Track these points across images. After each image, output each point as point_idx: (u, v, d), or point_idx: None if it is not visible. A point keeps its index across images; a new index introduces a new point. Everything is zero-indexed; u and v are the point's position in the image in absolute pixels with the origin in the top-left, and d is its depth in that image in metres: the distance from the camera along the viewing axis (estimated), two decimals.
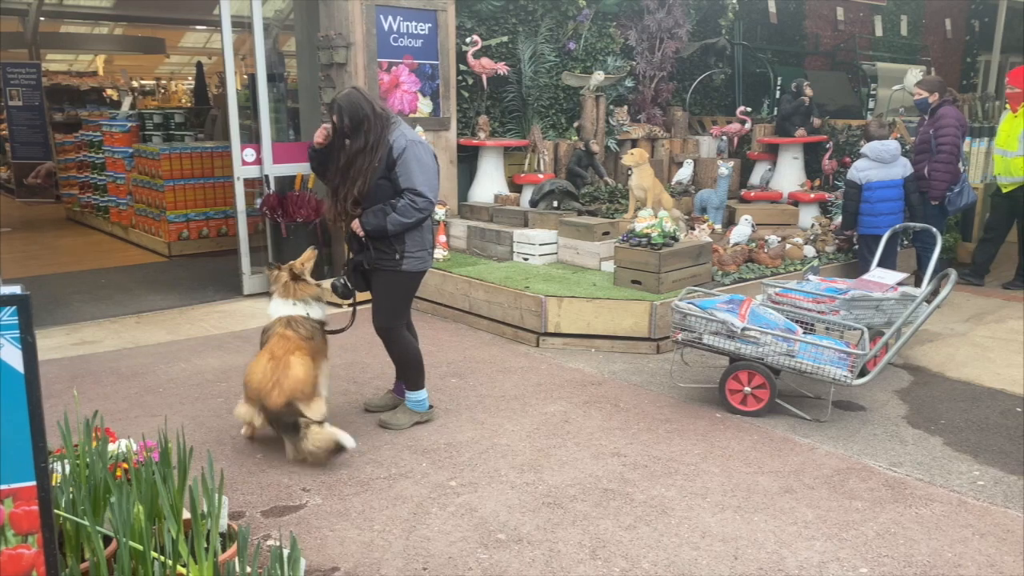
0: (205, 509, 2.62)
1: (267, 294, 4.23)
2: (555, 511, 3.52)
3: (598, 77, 8.25)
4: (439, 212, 7.25)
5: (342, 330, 4.38)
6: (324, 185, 4.35)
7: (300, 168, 7.51)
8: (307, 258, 4.33)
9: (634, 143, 8.64)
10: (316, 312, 4.20)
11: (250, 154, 7.18)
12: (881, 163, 6.47)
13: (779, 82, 9.93)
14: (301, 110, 8.36)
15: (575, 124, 8.53)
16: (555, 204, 7.44)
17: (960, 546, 3.28)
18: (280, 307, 4.14)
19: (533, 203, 7.54)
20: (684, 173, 8.63)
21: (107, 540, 2.52)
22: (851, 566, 3.12)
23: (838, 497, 3.68)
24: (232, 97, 7.08)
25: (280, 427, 3.87)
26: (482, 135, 7.81)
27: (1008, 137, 7.13)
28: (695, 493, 3.69)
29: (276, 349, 3.96)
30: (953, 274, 4.72)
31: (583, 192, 7.80)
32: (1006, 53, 12.68)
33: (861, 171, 6.55)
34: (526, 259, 6.97)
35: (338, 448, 3.78)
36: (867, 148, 6.61)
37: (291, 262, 4.29)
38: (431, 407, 4.54)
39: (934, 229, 5.60)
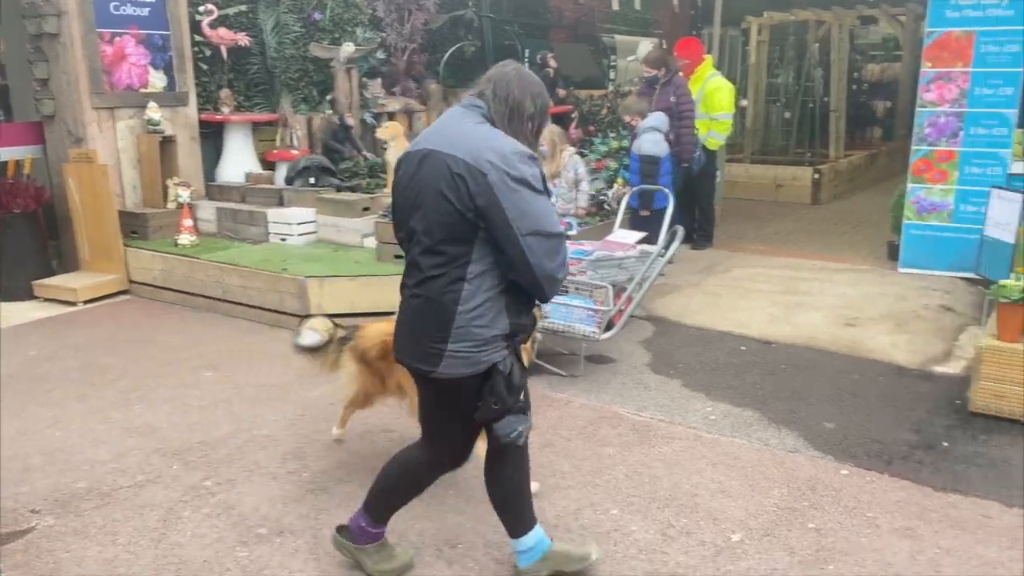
0: None
1: None
2: (320, 497, 3.43)
3: (348, 48, 8.03)
4: (183, 194, 6.76)
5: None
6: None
7: (13, 152, 6.66)
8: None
9: (391, 116, 8.56)
10: None
11: None
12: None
13: (527, 54, 10.25)
14: (11, 87, 7.39)
15: (328, 97, 8.28)
16: (312, 181, 7.20)
17: (696, 476, 3.61)
18: None
19: (288, 181, 7.24)
20: None
21: None
22: (603, 509, 3.34)
23: (592, 445, 3.91)
24: None
25: None
26: (226, 110, 7.36)
27: None
28: None
29: None
30: (680, 230, 5.17)
31: (342, 167, 7.60)
32: (725, 27, 13.96)
33: (661, 144, 6.56)
34: (284, 240, 6.69)
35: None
36: (656, 121, 6.63)
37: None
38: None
39: (667, 190, 6.07)
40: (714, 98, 7.53)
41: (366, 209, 6.71)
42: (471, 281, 2.45)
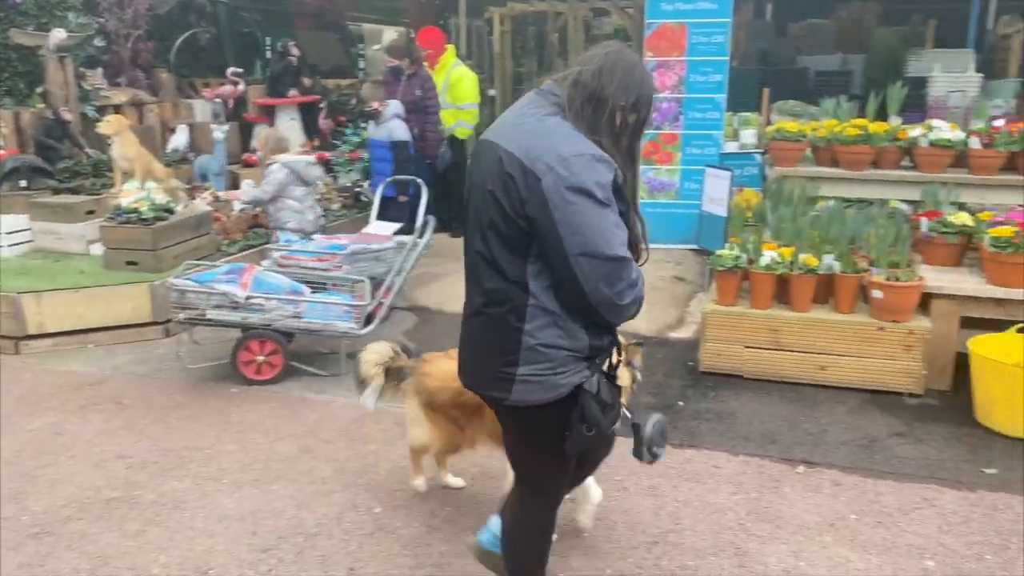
0: None
1: None
2: (44, 541, 3.04)
3: (59, 35, 7.18)
4: None
5: None
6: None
7: None
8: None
9: (117, 109, 7.80)
10: None
11: None
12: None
13: (268, 42, 9.81)
14: None
15: (39, 89, 7.37)
16: (23, 184, 6.39)
17: (460, 463, 3.60)
18: None
19: None
20: (179, 139, 8.08)
21: None
22: (366, 509, 3.27)
23: (355, 445, 3.82)
24: None
25: None
26: None
27: None
28: (210, 478, 3.51)
29: None
30: (432, 220, 5.19)
31: (60, 167, 6.81)
32: (471, 17, 14.24)
33: (407, 129, 6.51)
34: None
35: None
36: (400, 108, 6.58)
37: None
38: None
39: (420, 180, 6.05)
40: (459, 88, 7.62)
41: (91, 212, 6.06)
42: (536, 296, 2.09)
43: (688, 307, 5.81)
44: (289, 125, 8.51)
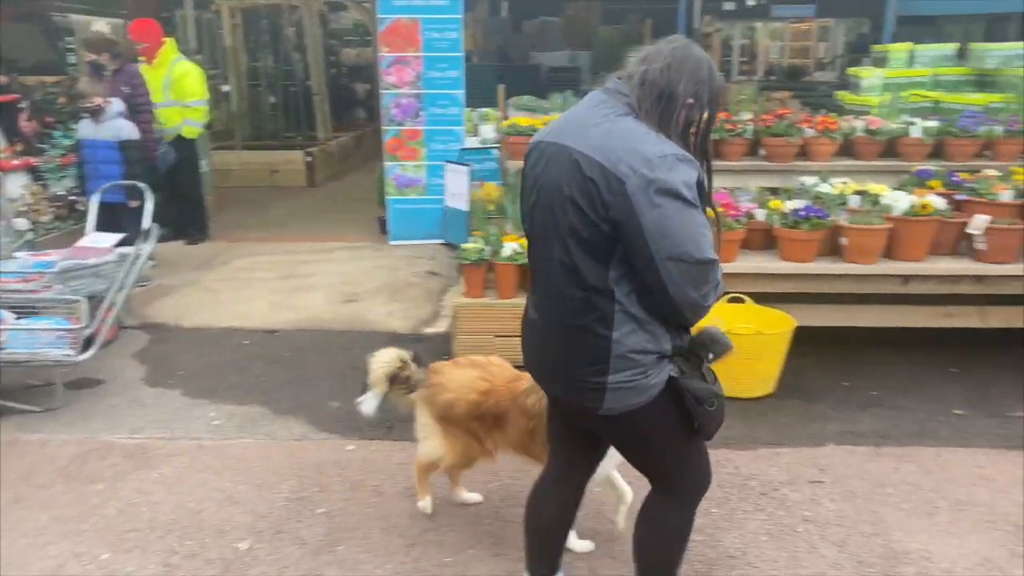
0: None
1: None
2: None
3: None
4: None
5: None
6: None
7: None
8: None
9: None
10: None
11: None
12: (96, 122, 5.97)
13: None
14: None
15: None
16: None
17: (201, 490, 3.38)
18: None
19: None
20: None
21: None
22: (91, 557, 2.93)
23: (76, 486, 3.41)
24: None
25: None
26: None
27: (153, 89, 6.88)
28: None
29: None
30: (155, 228, 4.79)
31: None
32: (199, 10, 13.35)
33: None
34: None
35: None
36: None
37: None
38: None
39: (142, 185, 5.54)
40: (184, 84, 7.08)
41: None
42: (620, 301, 2.04)
43: (442, 301, 5.85)
44: None
